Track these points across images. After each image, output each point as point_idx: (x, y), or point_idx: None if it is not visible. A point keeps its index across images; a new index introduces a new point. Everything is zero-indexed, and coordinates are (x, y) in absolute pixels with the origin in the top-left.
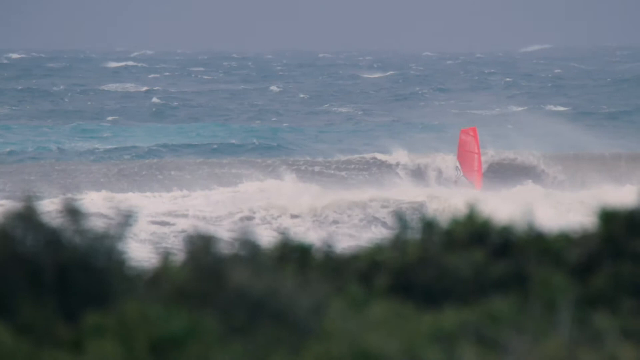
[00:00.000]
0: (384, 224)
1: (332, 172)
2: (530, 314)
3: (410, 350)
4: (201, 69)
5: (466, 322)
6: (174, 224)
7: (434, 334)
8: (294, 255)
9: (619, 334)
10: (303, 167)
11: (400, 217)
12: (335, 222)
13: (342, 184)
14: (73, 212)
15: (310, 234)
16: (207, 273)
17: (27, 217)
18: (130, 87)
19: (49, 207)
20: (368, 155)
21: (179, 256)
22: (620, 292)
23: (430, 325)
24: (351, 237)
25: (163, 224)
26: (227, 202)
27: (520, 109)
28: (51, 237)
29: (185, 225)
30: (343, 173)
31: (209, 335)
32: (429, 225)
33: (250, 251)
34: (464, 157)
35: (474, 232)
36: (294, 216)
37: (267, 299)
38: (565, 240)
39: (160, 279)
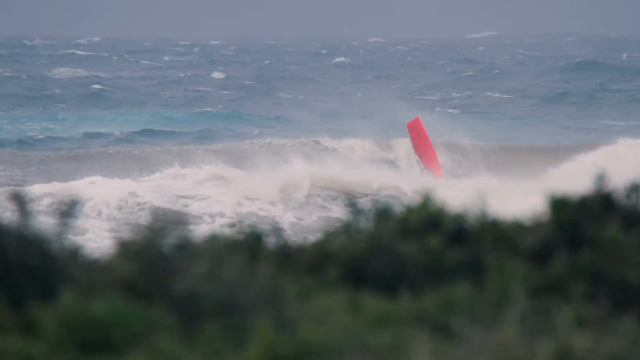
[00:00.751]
0: (342, 207)
1: (282, 154)
2: (485, 302)
3: (356, 336)
4: (147, 55)
5: (420, 309)
6: (133, 209)
7: (382, 320)
8: (245, 243)
9: (574, 321)
10: (253, 151)
11: (352, 205)
12: (309, 196)
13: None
14: (18, 200)
15: (277, 212)
16: (150, 264)
17: None
18: (77, 72)
19: None
20: (311, 140)
21: (130, 243)
22: (576, 279)
23: (379, 312)
24: (322, 208)
25: (121, 209)
26: (184, 187)
27: (460, 94)
28: None
29: (141, 211)
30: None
31: (150, 322)
32: (382, 213)
33: (187, 240)
34: (420, 149)
35: (429, 220)
36: (256, 200)
37: (211, 290)
38: (518, 227)
39: (111, 268)
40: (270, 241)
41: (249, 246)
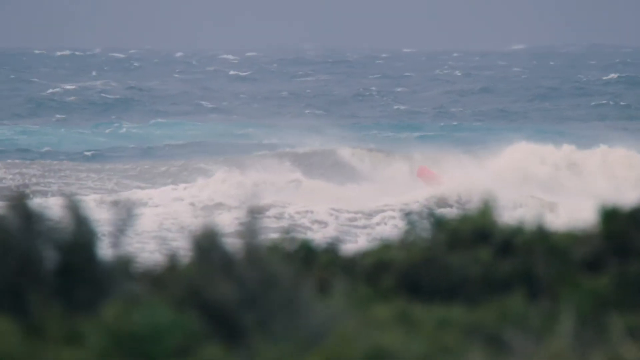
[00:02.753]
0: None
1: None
2: (537, 313)
3: (408, 347)
4: (181, 66)
5: (473, 320)
6: (174, 218)
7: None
8: (298, 253)
9: (625, 332)
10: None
11: (408, 216)
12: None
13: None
14: (73, 209)
15: (325, 229)
16: (218, 270)
17: (24, 213)
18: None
19: (48, 205)
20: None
21: (186, 252)
22: (627, 290)
23: (433, 321)
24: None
25: (166, 216)
26: (224, 197)
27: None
28: (50, 234)
29: (188, 219)
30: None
31: (193, 333)
32: (437, 224)
33: (257, 247)
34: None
35: (479, 231)
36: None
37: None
38: (570, 238)
39: (167, 277)
40: (328, 252)
41: (304, 256)
